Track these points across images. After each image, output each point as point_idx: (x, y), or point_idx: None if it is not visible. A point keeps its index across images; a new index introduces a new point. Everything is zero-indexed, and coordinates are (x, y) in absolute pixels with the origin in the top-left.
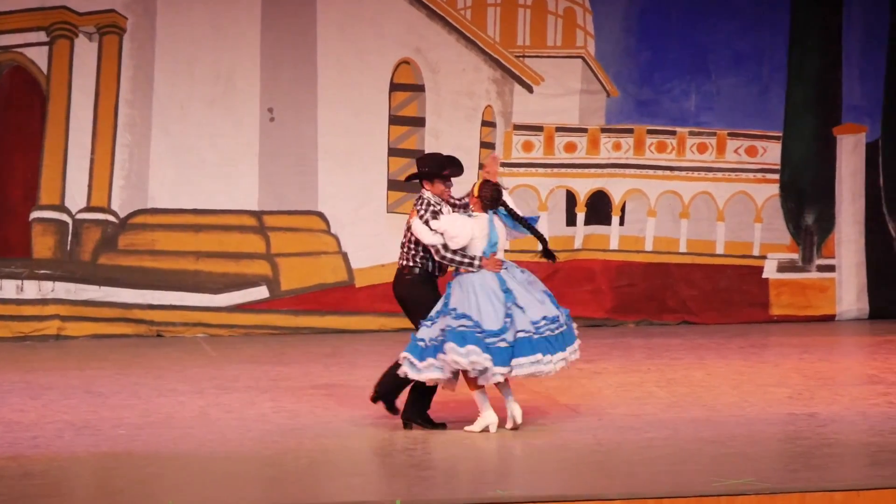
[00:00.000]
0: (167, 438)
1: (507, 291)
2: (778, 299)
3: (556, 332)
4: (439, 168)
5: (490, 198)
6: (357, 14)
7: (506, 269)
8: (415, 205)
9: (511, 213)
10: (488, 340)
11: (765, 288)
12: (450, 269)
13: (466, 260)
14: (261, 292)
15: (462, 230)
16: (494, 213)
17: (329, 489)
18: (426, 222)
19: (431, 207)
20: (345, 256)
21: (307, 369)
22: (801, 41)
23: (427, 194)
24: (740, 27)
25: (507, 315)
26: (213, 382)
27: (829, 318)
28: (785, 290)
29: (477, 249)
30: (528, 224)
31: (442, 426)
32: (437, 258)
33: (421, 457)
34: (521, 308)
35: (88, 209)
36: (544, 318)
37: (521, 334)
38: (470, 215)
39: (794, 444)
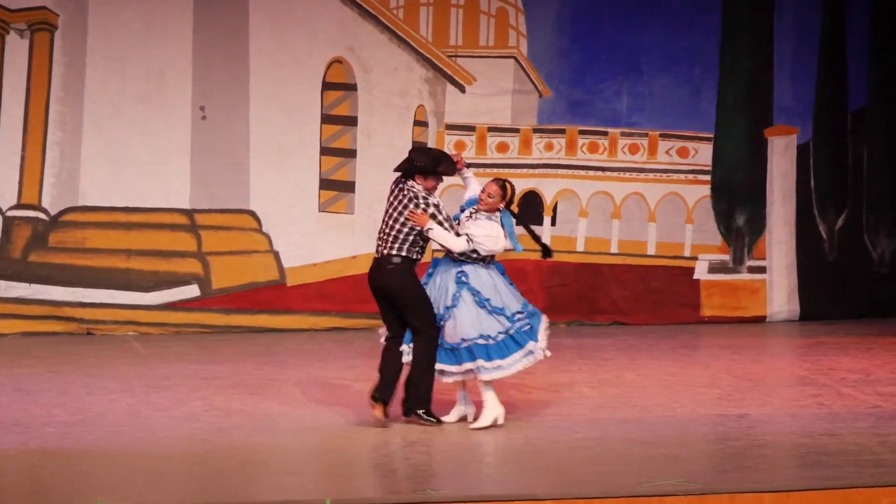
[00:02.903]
0: (97, 436)
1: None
2: (709, 300)
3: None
4: (434, 164)
5: (510, 196)
6: (289, 13)
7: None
8: (411, 200)
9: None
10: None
11: (696, 289)
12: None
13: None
14: (192, 291)
15: (500, 231)
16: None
17: (260, 488)
18: (449, 226)
19: (433, 201)
20: (276, 255)
21: (238, 368)
22: (732, 43)
23: (418, 188)
24: (672, 28)
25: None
26: (144, 381)
27: (760, 320)
28: (716, 291)
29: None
30: (528, 228)
31: (440, 422)
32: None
33: (352, 455)
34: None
35: (19, 206)
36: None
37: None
38: (490, 218)
39: (724, 445)
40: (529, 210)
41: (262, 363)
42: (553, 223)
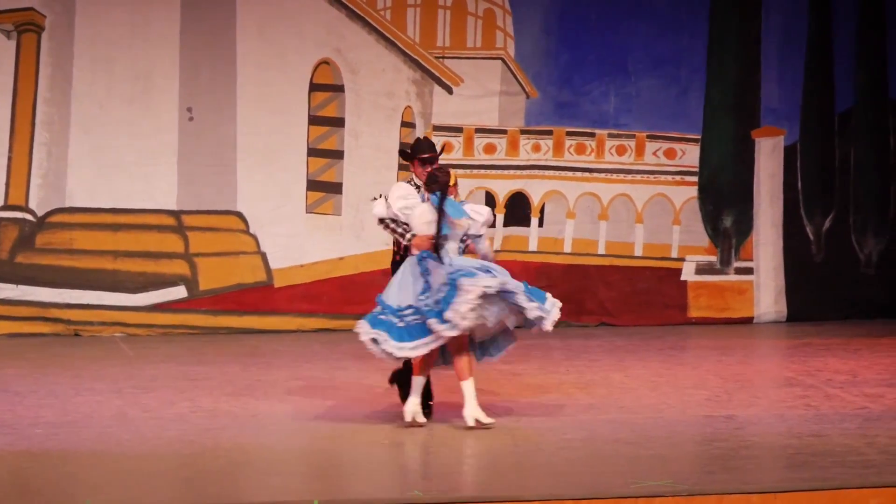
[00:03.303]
0: (85, 438)
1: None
2: (696, 301)
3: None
4: (413, 151)
5: (442, 182)
6: (276, 14)
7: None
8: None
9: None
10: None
11: (683, 290)
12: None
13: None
14: (179, 292)
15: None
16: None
17: (247, 489)
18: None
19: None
20: (263, 256)
21: (225, 369)
22: (719, 44)
23: (411, 175)
24: (659, 29)
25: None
26: (131, 382)
27: (748, 321)
28: (703, 292)
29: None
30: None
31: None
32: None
33: (340, 456)
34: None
35: (6, 208)
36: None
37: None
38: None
39: (711, 447)
40: (517, 211)
41: (249, 364)
42: (540, 224)
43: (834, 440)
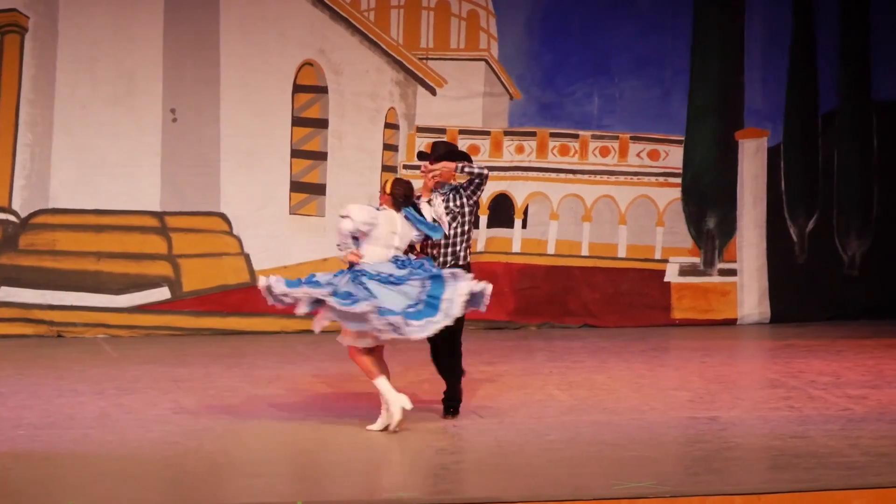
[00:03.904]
0: (67, 439)
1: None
2: (679, 303)
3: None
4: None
5: (402, 195)
6: (260, 15)
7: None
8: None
9: (416, 217)
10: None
11: (666, 291)
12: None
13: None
14: (162, 293)
15: (358, 216)
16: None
17: (230, 490)
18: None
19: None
20: (247, 258)
21: (208, 370)
22: (703, 45)
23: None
24: (642, 30)
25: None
26: (114, 383)
27: (731, 322)
28: (686, 293)
29: (375, 240)
30: (428, 229)
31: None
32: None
33: (323, 458)
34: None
35: None
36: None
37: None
38: (378, 209)
39: (694, 448)
40: (500, 213)
41: (232, 365)
42: (524, 226)
43: (817, 441)
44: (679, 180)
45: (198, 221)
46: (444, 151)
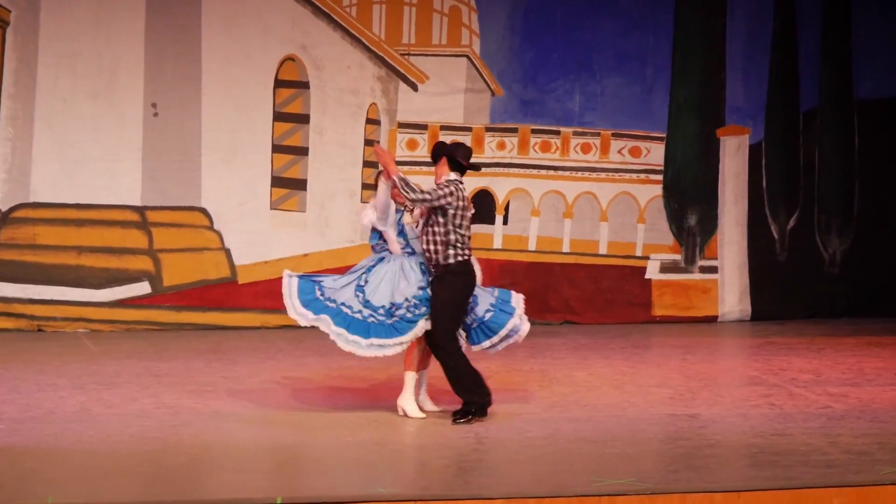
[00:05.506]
0: (47, 434)
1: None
2: (660, 300)
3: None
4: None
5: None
6: (242, 10)
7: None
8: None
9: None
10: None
11: (647, 288)
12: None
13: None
14: (143, 288)
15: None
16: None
17: (210, 485)
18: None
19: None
20: (227, 253)
21: (188, 365)
22: (684, 42)
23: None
24: (624, 27)
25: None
26: (94, 378)
27: (712, 320)
28: (667, 290)
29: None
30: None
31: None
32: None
33: (303, 453)
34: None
35: None
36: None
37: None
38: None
39: (675, 445)
40: (481, 209)
41: (212, 360)
42: (505, 222)
43: (797, 439)
44: (660, 177)
45: (179, 216)
46: (433, 150)
